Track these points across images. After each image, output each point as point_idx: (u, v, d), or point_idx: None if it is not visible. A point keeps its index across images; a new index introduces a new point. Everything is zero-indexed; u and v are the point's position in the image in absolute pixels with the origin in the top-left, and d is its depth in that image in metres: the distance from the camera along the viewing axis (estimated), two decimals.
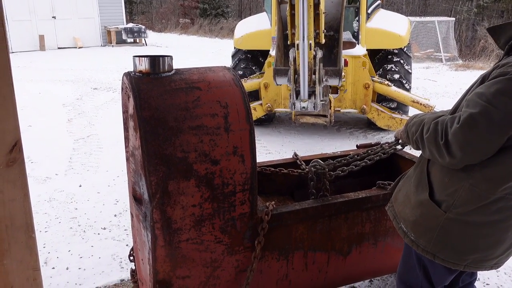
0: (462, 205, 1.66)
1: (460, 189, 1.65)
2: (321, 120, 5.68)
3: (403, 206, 1.89)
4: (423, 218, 1.78)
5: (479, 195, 1.62)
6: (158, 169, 1.90)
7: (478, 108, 1.51)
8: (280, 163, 2.94)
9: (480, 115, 1.50)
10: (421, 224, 1.78)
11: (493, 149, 1.54)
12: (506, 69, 1.50)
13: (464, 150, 1.55)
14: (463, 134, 1.53)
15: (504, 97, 1.47)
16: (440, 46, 15.76)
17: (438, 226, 1.72)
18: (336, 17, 5.27)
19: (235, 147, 2.02)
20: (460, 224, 1.68)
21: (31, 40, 19.05)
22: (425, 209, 1.77)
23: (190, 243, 2.04)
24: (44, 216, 4.13)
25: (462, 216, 1.67)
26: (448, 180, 1.70)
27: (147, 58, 2.01)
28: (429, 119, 1.71)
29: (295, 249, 2.37)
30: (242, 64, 7.16)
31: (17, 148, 1.45)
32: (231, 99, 2.04)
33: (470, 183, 1.63)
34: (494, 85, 1.50)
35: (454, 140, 1.56)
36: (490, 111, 1.48)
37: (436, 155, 1.66)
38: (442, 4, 27.05)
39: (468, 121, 1.52)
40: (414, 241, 1.81)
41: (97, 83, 11.15)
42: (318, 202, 2.40)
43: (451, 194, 1.68)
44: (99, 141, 6.53)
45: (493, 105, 1.48)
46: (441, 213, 1.71)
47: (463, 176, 1.64)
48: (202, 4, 34.33)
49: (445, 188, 1.71)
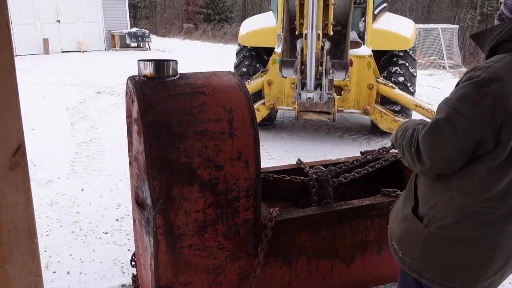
0: (441, 219, 1.58)
1: (439, 202, 1.58)
2: (324, 117, 5.64)
3: (393, 222, 1.84)
4: (407, 233, 1.71)
5: (456, 208, 1.54)
6: (161, 174, 1.88)
7: (443, 113, 1.48)
8: (283, 169, 2.93)
9: (444, 120, 1.46)
10: (406, 239, 1.72)
11: (460, 156, 1.48)
12: (473, 73, 1.45)
13: (430, 157, 1.52)
14: (429, 140, 1.51)
15: (467, 102, 1.42)
16: (443, 53, 15.75)
17: (420, 241, 1.64)
18: (344, 12, 5.27)
19: (239, 152, 2.00)
20: (441, 239, 1.60)
21: (35, 43, 19.12)
22: (408, 224, 1.70)
23: (193, 249, 2.02)
24: (46, 219, 4.11)
25: (442, 230, 1.59)
26: (429, 192, 1.64)
27: (152, 62, 2.00)
28: (412, 124, 1.67)
29: (299, 256, 2.35)
30: (246, 61, 7.16)
31: (21, 151, 1.43)
32: (235, 104, 2.02)
33: (448, 195, 1.56)
34: (459, 90, 1.46)
35: (422, 147, 1.53)
36: (454, 116, 1.44)
37: (410, 162, 1.62)
38: (446, 12, 27.10)
39: (433, 127, 1.49)
40: (402, 258, 1.74)
41: (101, 87, 11.17)
42: (322, 209, 2.38)
43: (431, 207, 1.62)
44: (101, 145, 6.53)
45: (457, 110, 1.44)
46: (422, 228, 1.63)
47: (442, 188, 1.58)
48: (206, 9, 34.46)
49: (427, 201, 1.65)
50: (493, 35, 1.53)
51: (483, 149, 1.45)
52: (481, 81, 1.41)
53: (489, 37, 1.55)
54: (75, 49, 20.18)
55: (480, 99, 1.40)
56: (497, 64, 1.43)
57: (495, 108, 1.39)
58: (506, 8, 1.54)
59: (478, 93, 1.41)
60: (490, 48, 1.53)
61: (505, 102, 1.38)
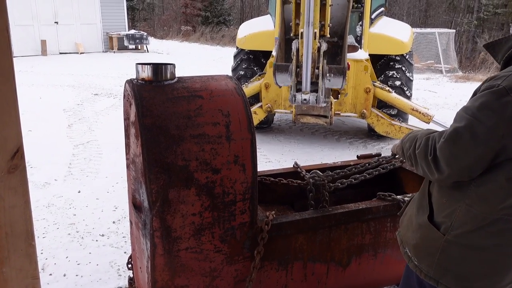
0: (459, 226, 1.59)
1: (457, 210, 1.59)
2: (321, 121, 5.64)
3: (406, 230, 1.84)
4: (423, 241, 1.72)
5: (475, 216, 1.55)
6: (158, 177, 1.89)
7: (463, 122, 1.49)
8: (280, 173, 2.94)
9: (464, 128, 1.47)
10: (422, 247, 1.73)
11: (480, 164, 1.49)
12: (493, 83, 1.47)
13: (450, 164, 1.52)
14: (449, 148, 1.51)
15: (488, 111, 1.44)
16: (440, 57, 15.83)
17: (438, 249, 1.65)
18: (341, 22, 5.24)
19: (236, 156, 2.02)
20: (460, 247, 1.61)
21: (33, 44, 19.11)
22: (425, 232, 1.71)
23: (189, 252, 2.03)
24: (43, 222, 4.11)
25: (461, 238, 1.59)
26: (446, 200, 1.65)
27: (150, 65, 2.01)
28: (422, 134, 1.68)
29: (295, 260, 2.36)
30: (244, 64, 7.18)
31: (19, 154, 1.44)
32: (233, 108, 2.04)
33: (466, 203, 1.57)
34: (479, 99, 1.48)
35: (441, 155, 1.54)
36: (474, 124, 1.45)
37: (426, 171, 1.63)
38: (443, 16, 27.22)
39: (453, 135, 1.50)
40: (418, 265, 1.75)
41: (98, 89, 11.17)
42: (318, 212, 2.39)
43: (448, 215, 1.62)
44: (99, 147, 6.53)
45: (477, 118, 1.45)
46: (440, 236, 1.64)
47: (459, 196, 1.59)
48: (204, 12, 34.53)
49: (443, 209, 1.65)
50: (508, 45, 1.55)
51: (503, 157, 1.46)
52: (502, 90, 1.43)
53: (504, 47, 1.57)
54: (73, 51, 20.18)
55: (500, 107, 1.42)
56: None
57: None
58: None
59: (498, 101, 1.42)
60: (506, 57, 1.55)
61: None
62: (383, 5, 7.80)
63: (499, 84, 1.44)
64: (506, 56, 1.56)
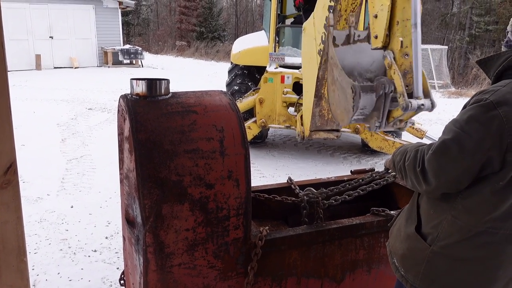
0: (445, 238, 1.61)
1: (444, 221, 1.62)
2: (332, 135, 5.64)
3: (395, 240, 1.86)
4: (410, 251, 1.74)
5: (461, 227, 1.57)
6: (152, 192, 1.89)
7: (451, 134, 1.52)
8: (274, 188, 2.94)
9: (452, 141, 1.50)
10: (409, 257, 1.75)
11: (467, 176, 1.52)
12: (481, 96, 1.50)
13: (438, 176, 1.55)
14: (437, 160, 1.54)
15: (475, 124, 1.47)
16: (433, 73, 15.98)
17: (424, 260, 1.67)
18: None
19: (230, 171, 2.02)
20: (445, 258, 1.62)
21: (27, 59, 19.13)
22: (412, 242, 1.73)
23: (182, 267, 2.02)
24: (34, 237, 4.07)
25: (446, 249, 1.61)
26: (433, 212, 1.67)
27: (144, 81, 2.02)
28: (412, 147, 1.70)
29: (288, 275, 2.35)
30: (238, 79, 7.21)
31: (12, 170, 1.44)
32: (227, 123, 2.05)
33: (452, 214, 1.59)
34: (468, 112, 1.51)
35: (429, 167, 1.56)
36: (462, 137, 1.48)
37: (415, 182, 1.65)
38: (435, 33, 27.56)
39: (441, 147, 1.53)
40: (404, 276, 1.77)
41: (92, 104, 11.16)
42: (312, 228, 2.39)
43: (435, 226, 1.65)
44: (92, 161, 6.50)
45: (465, 131, 1.48)
46: (426, 247, 1.66)
47: (446, 207, 1.61)
48: (199, 27, 34.79)
49: (430, 220, 1.68)
50: (500, 61, 1.59)
51: (489, 170, 1.49)
52: (489, 104, 1.46)
53: (496, 63, 1.60)
54: (67, 66, 20.21)
55: (487, 121, 1.45)
56: (504, 88, 1.48)
57: (502, 131, 1.43)
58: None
59: (485, 115, 1.46)
60: (497, 73, 1.58)
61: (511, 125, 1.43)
62: None
63: (487, 98, 1.47)
64: (497, 72, 1.59)
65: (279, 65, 6.69)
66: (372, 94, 2.56)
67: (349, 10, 4.01)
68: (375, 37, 3.02)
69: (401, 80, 2.78)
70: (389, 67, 2.78)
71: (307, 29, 4.81)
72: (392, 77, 2.78)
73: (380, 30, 2.91)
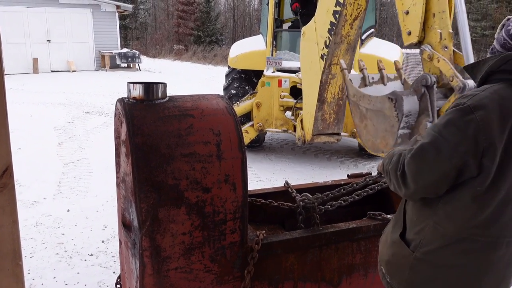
0: (427, 244, 1.60)
1: (426, 228, 1.61)
2: (333, 138, 5.64)
3: (382, 247, 1.86)
4: (395, 258, 1.73)
5: (442, 234, 1.56)
6: (148, 196, 1.89)
7: (429, 138, 1.52)
8: (271, 192, 2.94)
9: (429, 145, 1.51)
10: (393, 264, 1.74)
11: (444, 181, 1.51)
12: (460, 101, 1.51)
13: (416, 180, 1.55)
14: (415, 164, 1.54)
15: (452, 128, 1.47)
16: None
17: (407, 266, 1.66)
18: None
19: (227, 175, 2.02)
20: (428, 265, 1.61)
21: (24, 62, 19.09)
22: (396, 249, 1.73)
23: (179, 272, 2.01)
24: (30, 241, 4.06)
25: (429, 256, 1.60)
26: (416, 218, 1.67)
27: (141, 84, 2.02)
28: (398, 150, 1.70)
29: (285, 280, 2.34)
30: (236, 83, 7.22)
31: (8, 173, 1.43)
32: (224, 127, 2.05)
33: (434, 220, 1.58)
34: (446, 116, 1.51)
35: (408, 170, 1.56)
36: (439, 141, 1.48)
37: (396, 186, 1.65)
38: None
39: (418, 151, 1.53)
40: (390, 282, 1.76)
41: (89, 107, 11.15)
42: (309, 232, 2.39)
43: (418, 232, 1.64)
44: (89, 165, 6.49)
45: (442, 135, 1.48)
46: (410, 253, 1.65)
47: (428, 213, 1.60)
48: (197, 31, 34.82)
49: (414, 226, 1.67)
50: (484, 67, 1.59)
51: (467, 175, 1.48)
52: (466, 108, 1.46)
53: (481, 69, 1.61)
54: (64, 69, 20.18)
55: (464, 125, 1.45)
56: (483, 93, 1.49)
57: (478, 135, 1.43)
58: (497, 43, 1.62)
59: (462, 119, 1.46)
60: (481, 79, 1.58)
61: (488, 130, 1.43)
62: (373, 26, 7.92)
63: (464, 102, 1.48)
64: (481, 77, 1.59)
65: (276, 69, 6.70)
66: (414, 96, 2.48)
67: (354, 15, 4.03)
68: (408, 34, 2.90)
69: (448, 64, 2.66)
70: (430, 59, 2.70)
71: (307, 33, 4.82)
72: (436, 66, 2.67)
73: (415, 25, 2.82)
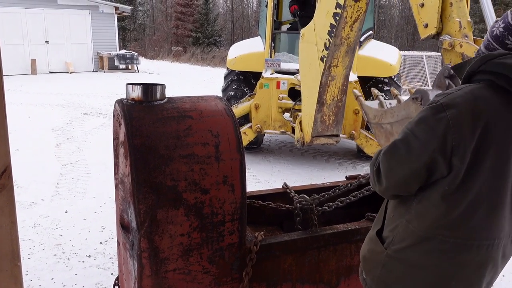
0: (399, 242, 1.60)
1: (399, 225, 1.60)
2: (332, 140, 5.64)
3: (363, 244, 1.85)
4: (370, 254, 1.73)
5: (412, 232, 1.55)
6: (147, 197, 1.89)
7: (401, 135, 1.53)
8: (269, 193, 2.94)
9: (401, 142, 1.51)
10: (368, 260, 1.74)
11: (415, 179, 1.50)
12: (435, 98, 1.50)
13: (387, 177, 1.55)
14: (387, 161, 1.55)
15: (423, 125, 1.47)
16: (428, 80, 16.08)
17: (380, 264, 1.66)
18: None
19: (225, 176, 2.02)
20: (399, 263, 1.60)
21: (22, 64, 19.07)
22: (372, 245, 1.73)
23: (177, 273, 2.01)
24: (28, 242, 4.05)
25: (400, 254, 1.60)
26: (392, 215, 1.67)
27: (140, 86, 2.02)
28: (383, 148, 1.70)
29: (283, 281, 2.34)
30: (234, 85, 7.22)
31: (7, 174, 1.43)
32: (222, 128, 2.05)
33: (406, 219, 1.58)
34: (419, 114, 1.51)
35: (382, 167, 1.57)
36: (410, 138, 1.49)
37: (372, 182, 1.66)
38: (430, 40, 27.68)
39: (390, 148, 1.54)
40: (365, 278, 1.76)
41: (88, 108, 11.14)
42: (307, 233, 2.39)
43: (392, 230, 1.64)
44: (87, 166, 6.48)
45: (414, 133, 1.48)
46: (382, 250, 1.65)
47: (403, 211, 1.60)
48: (195, 33, 34.86)
49: (389, 223, 1.67)
50: (467, 67, 1.59)
51: (437, 174, 1.47)
52: (439, 106, 1.46)
53: (464, 69, 1.60)
54: (63, 70, 20.16)
55: (435, 123, 1.44)
56: (457, 92, 1.48)
57: (447, 133, 1.42)
58: (483, 44, 1.61)
59: (434, 117, 1.45)
60: (463, 79, 1.58)
61: (458, 129, 1.41)
62: (372, 28, 7.93)
63: (438, 101, 1.47)
64: (464, 77, 1.59)
65: (275, 71, 6.71)
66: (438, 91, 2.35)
67: (354, 17, 4.06)
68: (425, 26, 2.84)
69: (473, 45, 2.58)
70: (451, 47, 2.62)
71: (306, 35, 4.83)
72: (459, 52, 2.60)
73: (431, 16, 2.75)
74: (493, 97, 1.45)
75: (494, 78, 1.46)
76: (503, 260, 1.61)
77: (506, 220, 1.52)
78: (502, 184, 1.47)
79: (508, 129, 1.44)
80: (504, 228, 1.53)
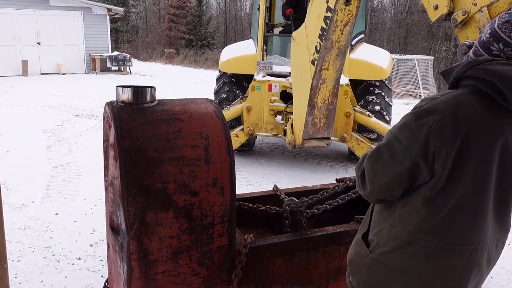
0: (383, 246, 1.61)
1: (383, 229, 1.62)
2: (323, 143, 5.66)
3: (350, 246, 1.87)
4: (355, 257, 1.75)
5: (395, 236, 1.57)
6: (136, 199, 1.89)
7: (385, 140, 1.54)
8: (260, 195, 2.95)
9: (385, 146, 1.53)
10: (354, 263, 1.75)
11: (398, 184, 1.51)
12: (419, 103, 1.52)
13: (371, 181, 1.57)
14: (371, 165, 1.57)
15: (406, 130, 1.47)
16: (419, 83, 16.18)
17: (365, 267, 1.67)
18: None
19: (215, 178, 2.03)
20: (384, 267, 1.61)
21: (13, 65, 18.95)
22: (357, 248, 1.74)
23: (166, 275, 2.02)
24: (18, 244, 4.02)
25: (384, 257, 1.60)
26: (377, 219, 1.68)
27: (130, 88, 2.03)
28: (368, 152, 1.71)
29: (273, 283, 2.35)
30: (226, 87, 7.23)
31: None
32: (212, 131, 2.06)
33: (389, 223, 1.59)
34: (403, 119, 1.53)
35: (366, 171, 1.59)
36: (393, 143, 1.50)
37: (358, 186, 1.68)
38: (422, 43, 27.93)
39: (374, 153, 1.56)
40: (351, 281, 1.77)
41: (79, 110, 11.09)
42: (296, 235, 2.40)
43: (376, 233, 1.65)
44: (78, 168, 6.45)
45: (397, 137, 1.50)
46: (367, 253, 1.66)
47: (387, 215, 1.61)
48: (188, 35, 34.83)
49: (374, 227, 1.68)
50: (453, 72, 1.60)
51: (420, 179, 1.48)
52: (422, 112, 1.47)
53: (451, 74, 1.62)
54: (54, 72, 20.05)
55: (417, 128, 1.45)
56: (441, 98, 1.49)
57: (429, 139, 1.42)
58: (471, 51, 1.62)
59: (416, 122, 1.46)
60: (450, 84, 1.59)
61: (440, 134, 1.42)
62: (363, 31, 7.98)
63: (421, 106, 1.49)
64: (450, 83, 1.60)
65: (267, 73, 6.73)
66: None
67: (344, 21, 4.09)
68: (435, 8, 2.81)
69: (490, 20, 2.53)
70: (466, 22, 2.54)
71: (297, 38, 4.85)
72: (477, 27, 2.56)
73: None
74: (477, 103, 1.46)
75: (479, 83, 1.47)
76: (488, 265, 1.62)
77: (489, 225, 1.53)
78: (485, 190, 1.47)
79: (491, 135, 1.44)
80: (487, 233, 1.53)
